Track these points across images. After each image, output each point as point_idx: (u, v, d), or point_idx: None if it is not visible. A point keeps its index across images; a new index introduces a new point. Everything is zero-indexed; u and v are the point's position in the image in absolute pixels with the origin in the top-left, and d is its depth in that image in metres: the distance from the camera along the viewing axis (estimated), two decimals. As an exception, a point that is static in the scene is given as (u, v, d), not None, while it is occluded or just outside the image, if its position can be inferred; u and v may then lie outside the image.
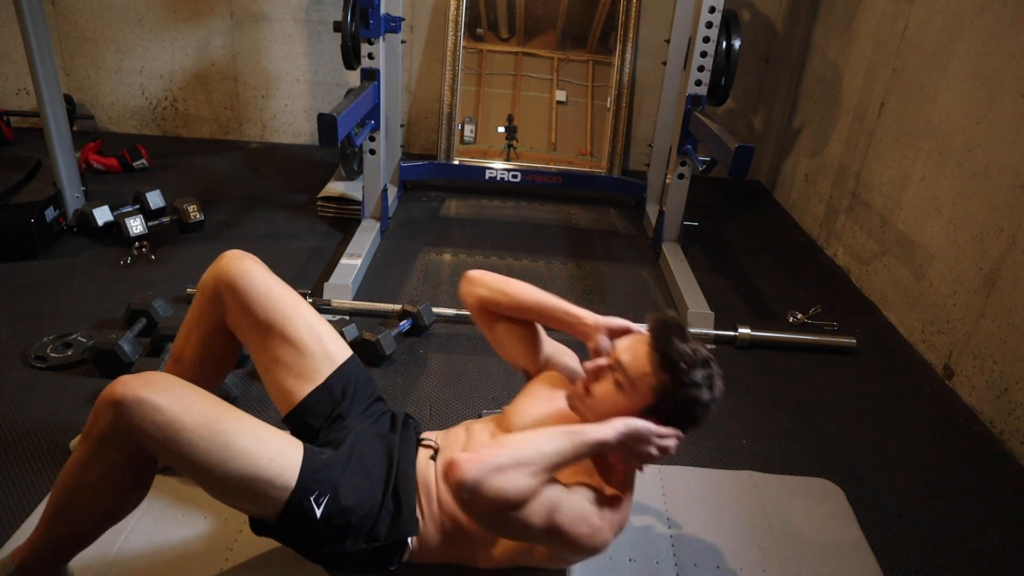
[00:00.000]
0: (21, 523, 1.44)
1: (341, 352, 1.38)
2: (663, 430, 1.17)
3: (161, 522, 1.46)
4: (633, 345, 1.22)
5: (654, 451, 1.17)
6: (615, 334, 1.29)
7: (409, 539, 1.23)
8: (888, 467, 1.84)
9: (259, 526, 1.18)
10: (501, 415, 1.40)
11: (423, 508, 1.26)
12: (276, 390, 1.34)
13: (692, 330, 2.30)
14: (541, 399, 1.38)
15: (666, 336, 1.18)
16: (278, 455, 1.12)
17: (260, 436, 1.12)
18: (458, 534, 1.25)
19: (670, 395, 1.17)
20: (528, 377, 1.48)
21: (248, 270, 1.35)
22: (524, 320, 1.43)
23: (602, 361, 1.24)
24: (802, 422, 1.99)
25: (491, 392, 2.01)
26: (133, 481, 1.16)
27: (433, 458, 1.32)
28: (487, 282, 1.42)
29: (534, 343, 1.45)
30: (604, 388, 1.22)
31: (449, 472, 1.03)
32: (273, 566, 1.38)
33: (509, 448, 1.08)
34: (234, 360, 1.50)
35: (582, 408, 1.25)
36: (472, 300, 1.44)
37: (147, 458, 1.13)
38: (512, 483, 1.04)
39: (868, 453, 1.88)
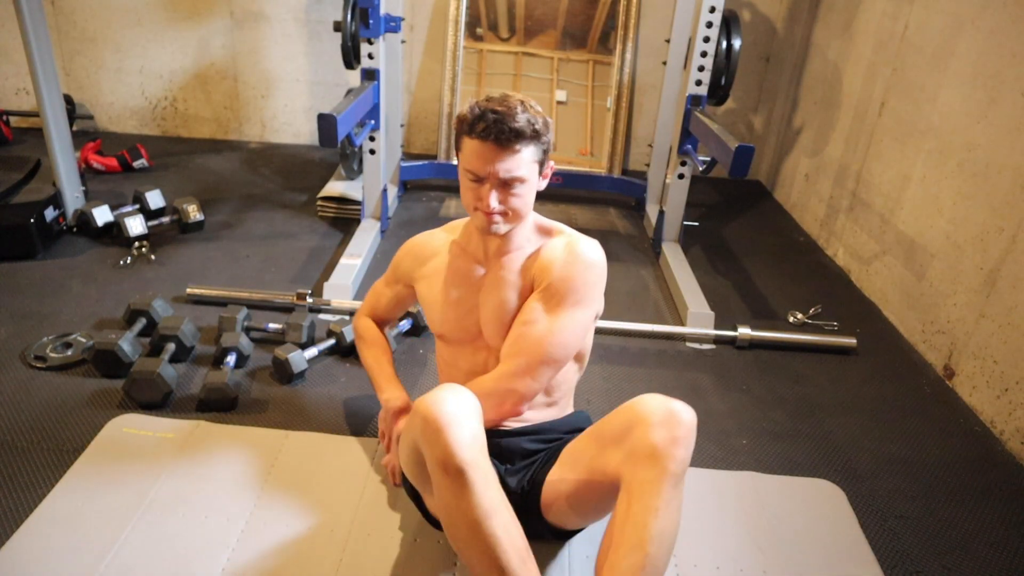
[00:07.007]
0: (21, 523, 1.43)
1: None
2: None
3: (161, 522, 1.46)
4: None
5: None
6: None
7: None
8: (888, 467, 1.84)
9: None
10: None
11: None
12: None
13: (693, 330, 2.35)
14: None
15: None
16: None
17: None
18: None
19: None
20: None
21: None
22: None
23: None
24: (802, 422, 1.99)
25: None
26: None
27: None
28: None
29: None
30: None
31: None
32: (273, 567, 1.38)
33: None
34: None
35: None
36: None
37: None
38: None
39: (868, 453, 1.88)
